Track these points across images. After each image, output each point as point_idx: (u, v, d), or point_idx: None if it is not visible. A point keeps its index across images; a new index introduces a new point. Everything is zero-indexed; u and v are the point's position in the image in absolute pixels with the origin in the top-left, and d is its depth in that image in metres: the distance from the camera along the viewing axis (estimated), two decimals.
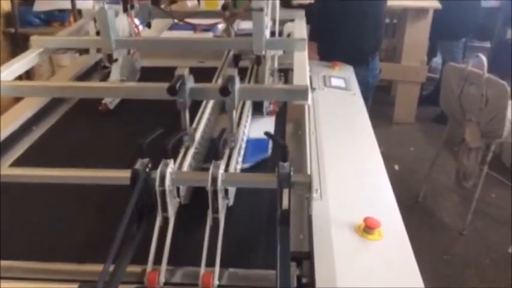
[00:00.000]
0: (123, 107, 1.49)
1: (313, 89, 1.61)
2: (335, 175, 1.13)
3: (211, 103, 1.29)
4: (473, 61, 2.50)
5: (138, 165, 0.84)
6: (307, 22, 1.62)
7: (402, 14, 3.83)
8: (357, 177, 1.16)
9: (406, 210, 0.98)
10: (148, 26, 1.73)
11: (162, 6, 1.77)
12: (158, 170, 0.84)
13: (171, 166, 0.85)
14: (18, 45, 3.05)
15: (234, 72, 0.95)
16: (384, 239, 0.93)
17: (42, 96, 1.40)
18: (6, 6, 3.02)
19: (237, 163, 1.06)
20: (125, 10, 1.49)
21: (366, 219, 0.94)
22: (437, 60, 4.89)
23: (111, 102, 1.47)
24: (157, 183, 0.83)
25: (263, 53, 1.32)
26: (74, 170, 0.88)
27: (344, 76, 1.78)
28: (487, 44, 5.02)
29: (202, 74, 1.14)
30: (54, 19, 3.03)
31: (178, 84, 0.92)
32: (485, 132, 2.46)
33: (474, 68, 2.47)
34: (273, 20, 1.50)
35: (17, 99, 1.51)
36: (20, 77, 1.27)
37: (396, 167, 3.29)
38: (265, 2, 1.26)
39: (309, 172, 0.93)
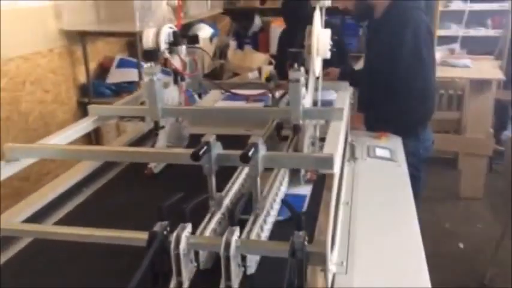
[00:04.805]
0: (167, 172, 1.54)
1: (355, 158, 1.59)
2: (366, 249, 1.08)
3: (247, 168, 1.31)
4: None
5: (156, 228, 0.86)
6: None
7: (466, 86, 3.75)
8: (391, 255, 1.09)
9: None
10: (199, 96, 1.83)
11: (225, 78, 1.89)
12: (174, 233, 0.85)
13: (188, 230, 0.86)
14: None
15: (258, 139, 0.97)
16: None
17: (83, 160, 1.49)
18: (83, 78, 3.33)
19: (262, 231, 1.05)
20: (175, 82, 1.61)
21: None
22: (508, 133, 4.66)
23: (155, 166, 1.54)
24: (172, 246, 0.84)
25: (301, 122, 1.35)
26: (91, 229, 0.91)
27: (390, 147, 1.74)
28: None
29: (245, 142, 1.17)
30: (123, 90, 3.28)
31: (202, 151, 0.95)
32: None
33: None
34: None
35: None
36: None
37: (461, 245, 3.07)
38: (302, 73, 1.30)
39: (327, 242, 0.90)
